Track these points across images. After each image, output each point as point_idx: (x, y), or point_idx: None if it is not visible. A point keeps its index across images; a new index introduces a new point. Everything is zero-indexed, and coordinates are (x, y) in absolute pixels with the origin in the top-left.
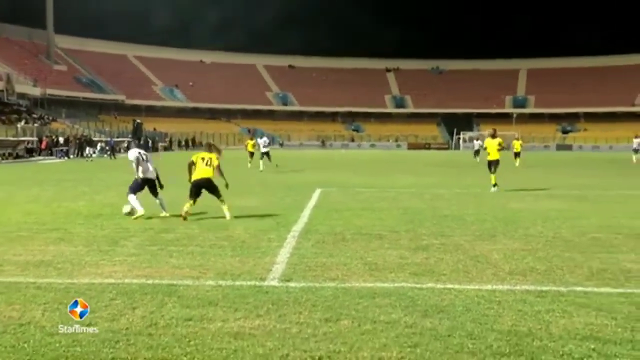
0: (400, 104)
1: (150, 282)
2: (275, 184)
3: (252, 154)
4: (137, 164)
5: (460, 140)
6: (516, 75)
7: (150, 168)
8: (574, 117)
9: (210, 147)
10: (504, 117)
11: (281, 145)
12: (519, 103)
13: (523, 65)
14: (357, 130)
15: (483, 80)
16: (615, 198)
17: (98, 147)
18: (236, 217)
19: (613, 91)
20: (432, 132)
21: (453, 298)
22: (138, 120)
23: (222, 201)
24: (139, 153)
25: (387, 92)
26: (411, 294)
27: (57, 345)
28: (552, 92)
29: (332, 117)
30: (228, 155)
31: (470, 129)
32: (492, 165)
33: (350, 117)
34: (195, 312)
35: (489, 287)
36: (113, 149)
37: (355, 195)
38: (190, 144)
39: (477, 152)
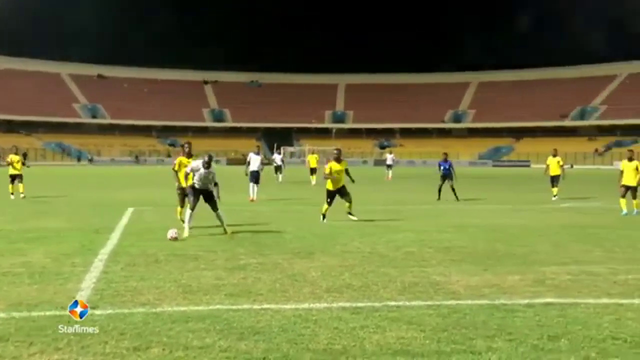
0: (219, 117)
1: None
2: (82, 203)
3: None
4: None
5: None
6: (335, 90)
7: None
8: (390, 133)
9: None
10: (324, 132)
11: (90, 161)
12: (338, 118)
13: (341, 81)
14: (173, 145)
15: (303, 94)
16: (428, 211)
17: None
18: (35, 240)
19: (425, 108)
20: (253, 147)
21: (269, 319)
22: None
23: None
24: None
25: (205, 105)
26: (226, 317)
27: None
28: (369, 108)
29: (147, 131)
30: (32, 172)
31: (291, 144)
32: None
33: (166, 132)
34: None
35: (305, 305)
36: None
37: (170, 214)
38: None
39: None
